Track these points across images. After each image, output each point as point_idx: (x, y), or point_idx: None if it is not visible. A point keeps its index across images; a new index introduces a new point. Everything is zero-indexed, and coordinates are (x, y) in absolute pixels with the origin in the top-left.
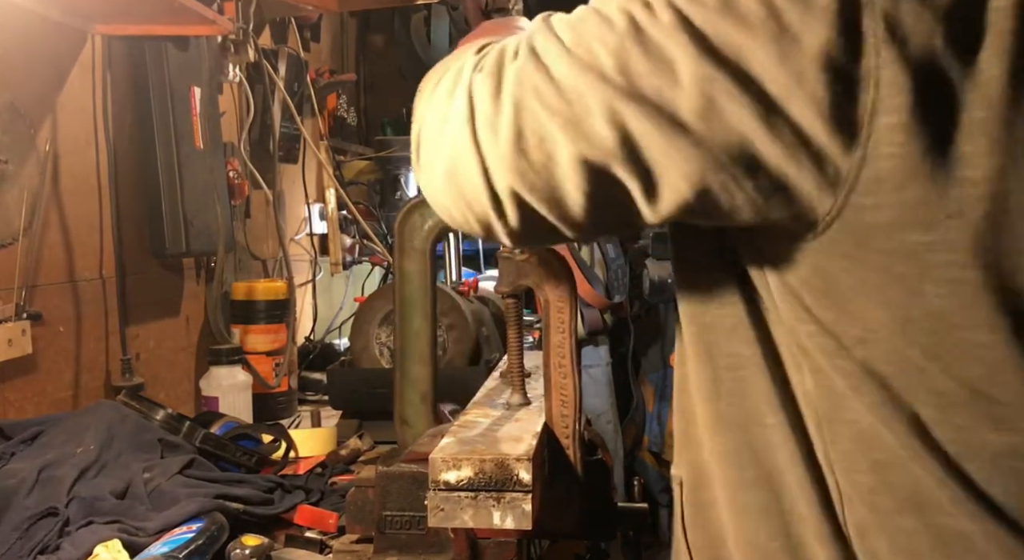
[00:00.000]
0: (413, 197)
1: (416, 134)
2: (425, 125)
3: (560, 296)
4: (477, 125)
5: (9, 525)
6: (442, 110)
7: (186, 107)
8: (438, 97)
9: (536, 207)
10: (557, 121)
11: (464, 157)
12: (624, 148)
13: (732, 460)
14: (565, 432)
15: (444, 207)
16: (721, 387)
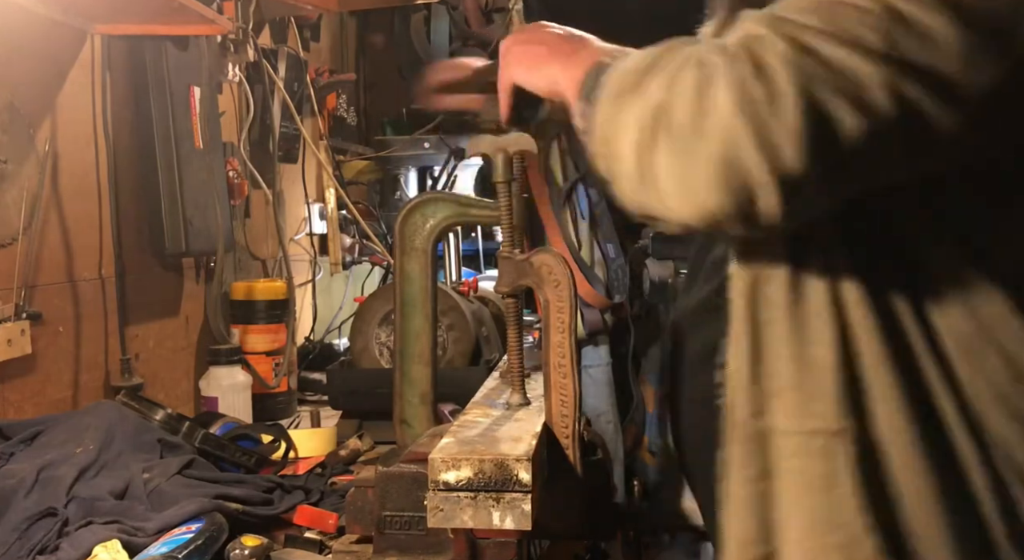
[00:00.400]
0: (414, 197)
1: (642, 134)
2: (664, 120)
3: (560, 296)
4: (756, 113)
5: (8, 525)
6: (693, 105)
7: (186, 107)
8: (676, 95)
9: (820, 183)
10: (840, 99)
11: (743, 145)
12: (903, 115)
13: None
14: (565, 432)
15: (699, 199)
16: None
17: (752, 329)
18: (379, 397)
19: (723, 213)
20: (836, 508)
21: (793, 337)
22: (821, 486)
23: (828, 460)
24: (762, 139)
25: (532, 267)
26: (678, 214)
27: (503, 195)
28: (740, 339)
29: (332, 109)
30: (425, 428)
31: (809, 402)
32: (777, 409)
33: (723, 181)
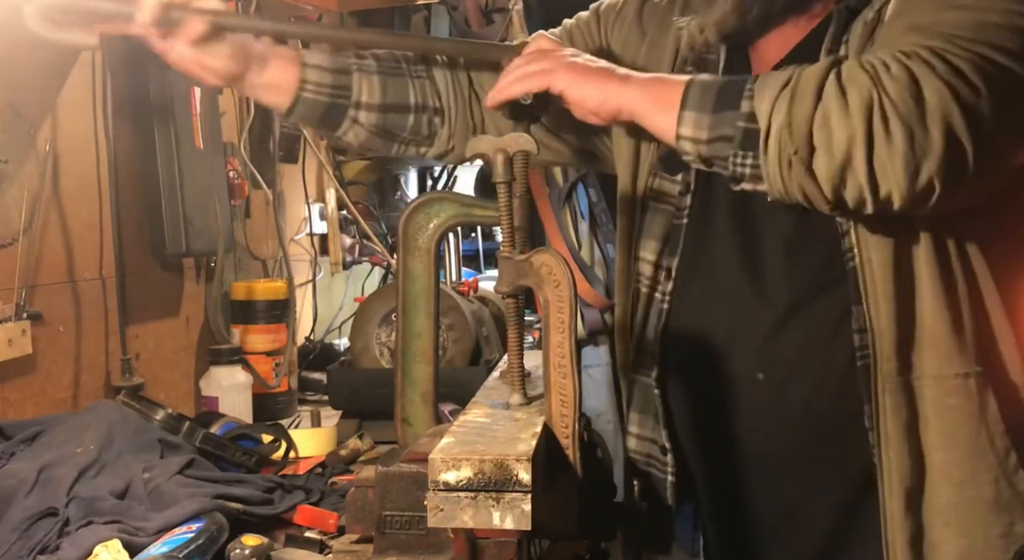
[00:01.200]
0: (418, 196)
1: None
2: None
3: (560, 296)
4: (965, 102)
5: (9, 525)
6: (911, 99)
7: (186, 107)
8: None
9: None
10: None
11: (959, 129)
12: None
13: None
14: (565, 432)
15: (921, 181)
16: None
17: (897, 294)
18: (379, 397)
19: (934, 192)
20: (989, 434)
21: (937, 297)
22: (977, 417)
23: (980, 396)
24: (973, 126)
25: (532, 267)
26: (888, 192)
27: (503, 195)
28: (882, 306)
29: None
30: (426, 427)
31: (957, 350)
32: (927, 359)
33: (944, 161)
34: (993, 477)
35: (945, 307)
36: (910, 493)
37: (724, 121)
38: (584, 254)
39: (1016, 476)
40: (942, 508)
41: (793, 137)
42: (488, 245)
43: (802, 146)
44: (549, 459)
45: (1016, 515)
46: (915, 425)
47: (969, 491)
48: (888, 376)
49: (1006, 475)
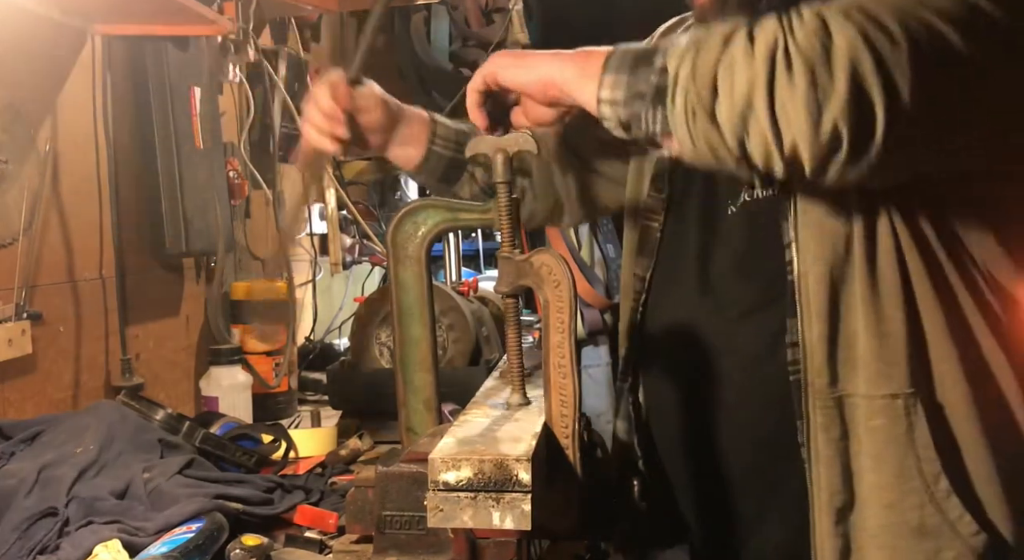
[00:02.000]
0: (406, 204)
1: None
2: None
3: (560, 296)
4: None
5: (9, 525)
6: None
7: (186, 107)
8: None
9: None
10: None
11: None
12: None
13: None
14: (565, 432)
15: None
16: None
17: (830, 311)
18: (379, 397)
19: (839, 140)
20: (916, 457)
21: (870, 315)
22: (904, 440)
23: (908, 418)
24: (884, 72)
25: (532, 267)
26: (792, 143)
27: (503, 195)
28: (814, 321)
29: None
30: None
31: (887, 370)
32: (857, 378)
33: (847, 109)
34: (918, 502)
35: (877, 326)
36: (840, 512)
37: (639, 79)
38: (584, 254)
39: (947, 502)
40: (873, 530)
41: (697, 84)
42: (488, 245)
43: (705, 92)
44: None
45: (943, 542)
46: (846, 444)
47: (896, 515)
48: (819, 393)
49: (935, 501)
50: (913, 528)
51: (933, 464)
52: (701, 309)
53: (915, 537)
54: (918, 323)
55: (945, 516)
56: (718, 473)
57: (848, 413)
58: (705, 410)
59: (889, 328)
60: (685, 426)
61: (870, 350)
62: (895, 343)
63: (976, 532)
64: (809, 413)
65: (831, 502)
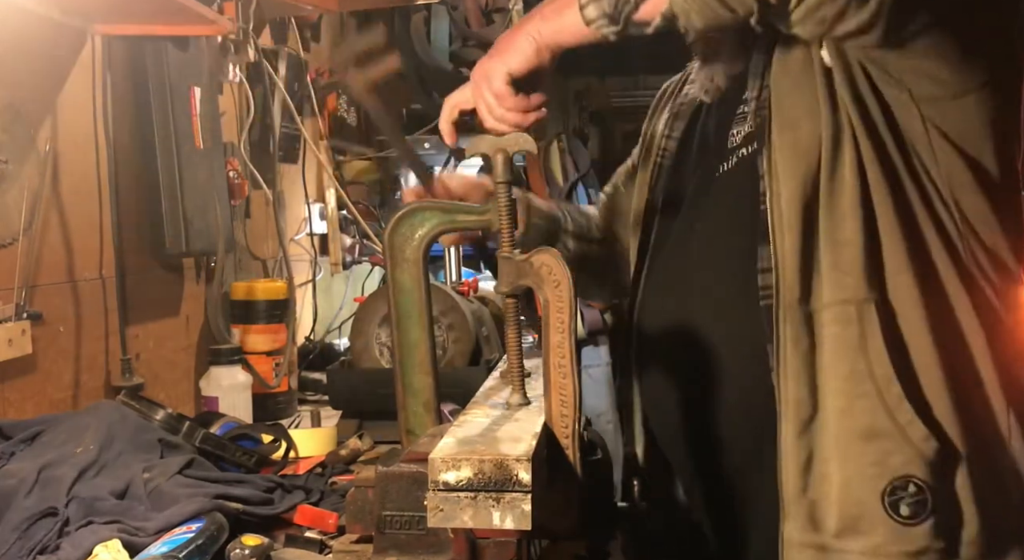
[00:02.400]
0: (401, 207)
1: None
2: None
3: (560, 296)
4: None
5: (9, 525)
6: None
7: (186, 107)
8: None
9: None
10: None
11: None
12: None
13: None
14: (565, 432)
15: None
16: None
17: (802, 224)
18: (379, 397)
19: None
20: (868, 362)
21: (827, 226)
22: (856, 345)
23: (860, 324)
24: None
25: (532, 267)
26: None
27: (503, 195)
28: (786, 234)
29: (332, 109)
30: None
31: (841, 277)
32: (821, 288)
33: None
34: (870, 406)
35: (832, 234)
36: (804, 423)
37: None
38: None
39: (898, 407)
40: (828, 439)
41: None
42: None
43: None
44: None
45: (890, 445)
46: (812, 357)
47: (848, 420)
48: (789, 307)
49: (885, 405)
50: (863, 431)
51: (885, 368)
52: (685, 291)
53: (865, 440)
54: (874, 233)
55: (895, 420)
56: (712, 454)
57: (816, 327)
58: (703, 399)
59: (845, 236)
60: (683, 415)
61: (829, 261)
62: (850, 251)
63: (926, 437)
64: (779, 328)
65: (796, 414)
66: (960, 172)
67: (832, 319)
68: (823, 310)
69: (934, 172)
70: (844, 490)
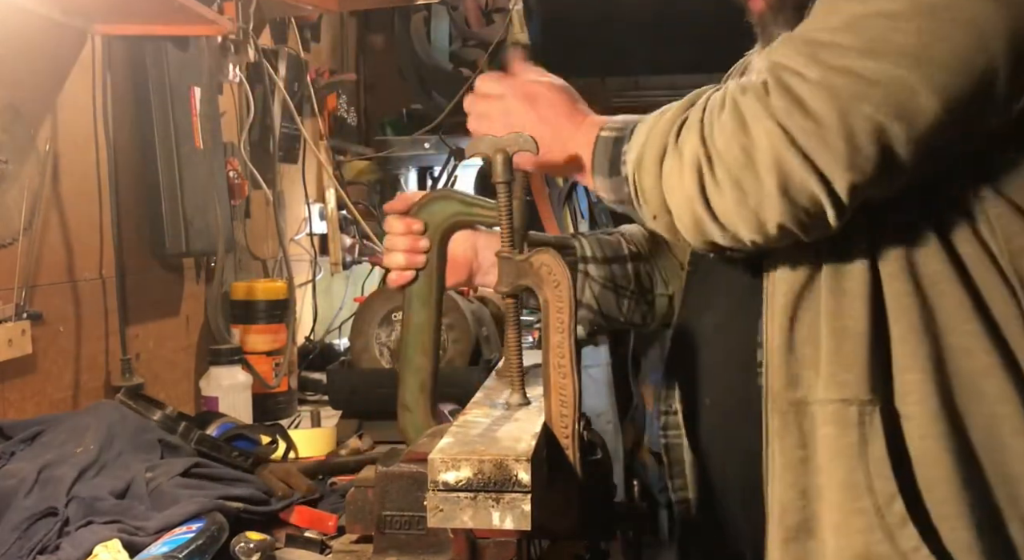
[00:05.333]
0: (428, 193)
1: (695, 185)
2: (714, 167)
3: (560, 296)
4: (802, 144)
5: (8, 525)
6: (739, 147)
7: (186, 107)
8: (719, 142)
9: (876, 187)
10: (885, 111)
11: (797, 175)
12: (955, 104)
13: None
14: (564, 432)
15: (766, 227)
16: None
17: (791, 303)
18: (379, 397)
19: (786, 231)
20: (867, 473)
21: (829, 310)
22: (855, 453)
23: (860, 428)
24: (813, 166)
25: (532, 267)
26: (747, 238)
27: (503, 195)
28: (777, 315)
29: (332, 109)
30: (424, 415)
31: (842, 372)
32: (813, 380)
33: (785, 209)
34: (866, 525)
35: (835, 323)
36: (791, 531)
37: (619, 185)
38: None
39: (901, 531)
40: (822, 554)
41: (649, 205)
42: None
43: (660, 211)
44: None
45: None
46: (803, 454)
47: (841, 538)
48: (777, 395)
49: (886, 526)
50: (858, 554)
51: (887, 483)
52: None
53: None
54: (884, 323)
55: (896, 546)
56: (725, 494)
57: (807, 422)
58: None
59: (849, 326)
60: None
61: (828, 350)
62: (854, 344)
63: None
64: (767, 417)
65: (783, 519)
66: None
67: (828, 419)
68: (817, 405)
69: (986, 233)
70: None
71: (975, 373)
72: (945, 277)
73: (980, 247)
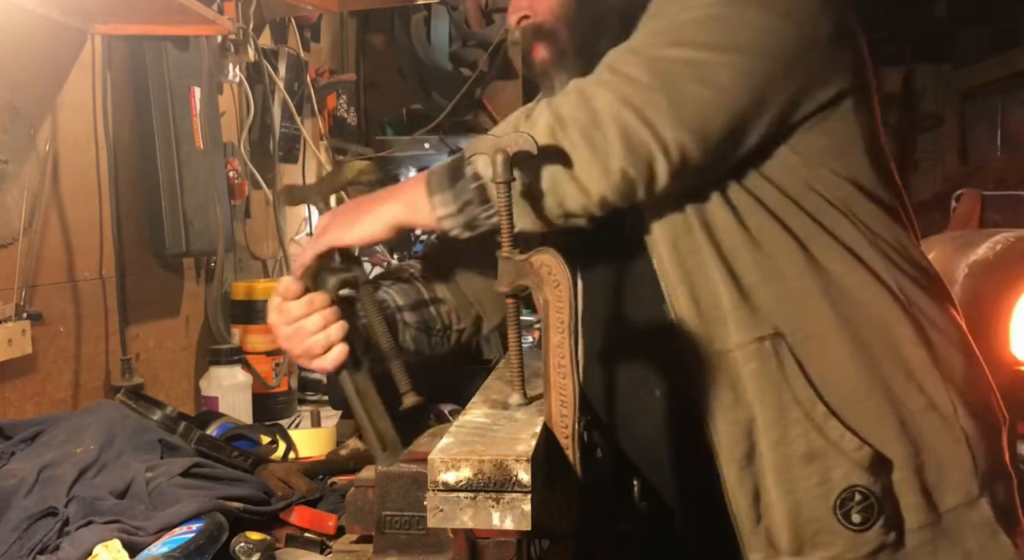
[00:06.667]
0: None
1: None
2: (565, 130)
3: (560, 296)
4: (635, 104)
5: (9, 525)
6: (584, 112)
7: (186, 107)
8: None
9: (701, 147)
10: (694, 82)
11: (634, 126)
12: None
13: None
14: (564, 432)
15: (615, 175)
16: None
17: (688, 276)
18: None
19: (633, 182)
20: (792, 390)
21: (722, 270)
22: (777, 377)
23: (776, 356)
24: (646, 120)
25: (532, 267)
26: (599, 193)
27: (503, 195)
28: (679, 288)
29: (332, 109)
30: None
31: (751, 317)
32: (728, 332)
33: (627, 156)
34: (802, 430)
35: (731, 280)
36: (741, 460)
37: (461, 190)
38: None
39: (827, 424)
40: (769, 469)
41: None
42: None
43: (518, 182)
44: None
45: (830, 462)
46: (735, 395)
47: (784, 448)
48: (702, 352)
49: (816, 426)
50: (803, 455)
51: (807, 392)
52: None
53: (804, 465)
54: (775, 268)
55: (827, 438)
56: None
57: (731, 367)
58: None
59: (744, 279)
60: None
61: (731, 302)
62: (754, 291)
63: (858, 447)
64: (697, 376)
65: (732, 453)
66: (843, 186)
67: (750, 356)
68: (737, 351)
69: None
70: (797, 511)
71: (855, 286)
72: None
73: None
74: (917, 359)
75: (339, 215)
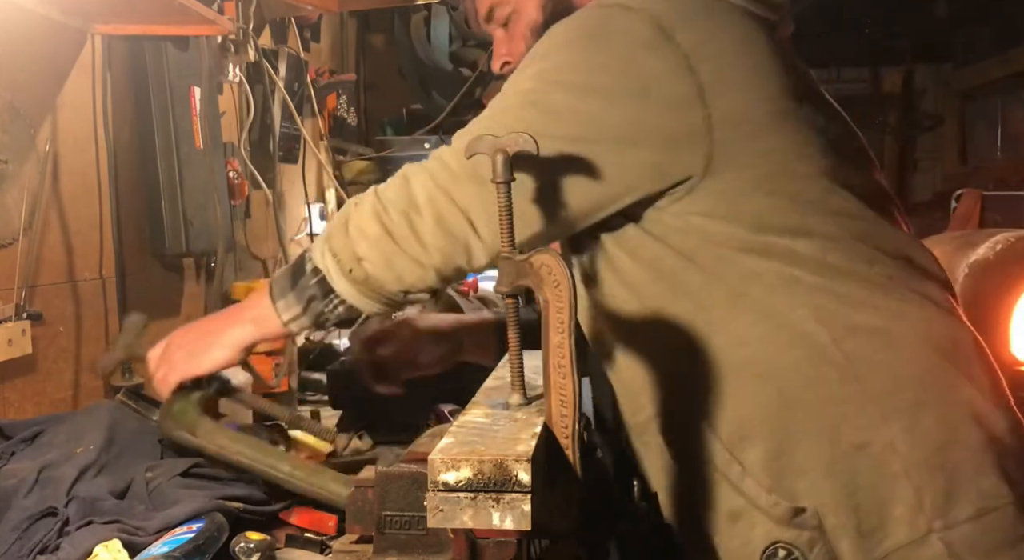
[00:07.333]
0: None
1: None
2: (390, 204)
3: (560, 296)
4: (443, 185)
5: (8, 525)
6: (403, 191)
7: (186, 107)
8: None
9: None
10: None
11: (443, 206)
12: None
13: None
14: (564, 432)
15: (429, 247)
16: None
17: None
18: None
19: (454, 260)
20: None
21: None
22: (695, 443)
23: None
24: (457, 205)
25: (532, 267)
26: (431, 265)
27: (503, 195)
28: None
29: (332, 109)
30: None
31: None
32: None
33: (446, 238)
34: (724, 491)
35: (614, 372)
36: (688, 522)
37: (303, 288)
38: None
39: (744, 483)
40: (706, 531)
41: (343, 261)
42: None
43: (352, 262)
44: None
45: (750, 520)
46: (662, 462)
47: (710, 511)
48: (630, 423)
49: (734, 486)
50: (727, 515)
51: (721, 453)
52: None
53: (731, 522)
54: (641, 358)
55: (746, 496)
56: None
57: (654, 438)
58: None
59: (621, 372)
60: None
61: (624, 380)
62: (627, 377)
63: (774, 503)
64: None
65: (680, 515)
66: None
67: (661, 427)
68: (654, 420)
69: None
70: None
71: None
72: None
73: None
74: (844, 397)
75: (183, 346)
